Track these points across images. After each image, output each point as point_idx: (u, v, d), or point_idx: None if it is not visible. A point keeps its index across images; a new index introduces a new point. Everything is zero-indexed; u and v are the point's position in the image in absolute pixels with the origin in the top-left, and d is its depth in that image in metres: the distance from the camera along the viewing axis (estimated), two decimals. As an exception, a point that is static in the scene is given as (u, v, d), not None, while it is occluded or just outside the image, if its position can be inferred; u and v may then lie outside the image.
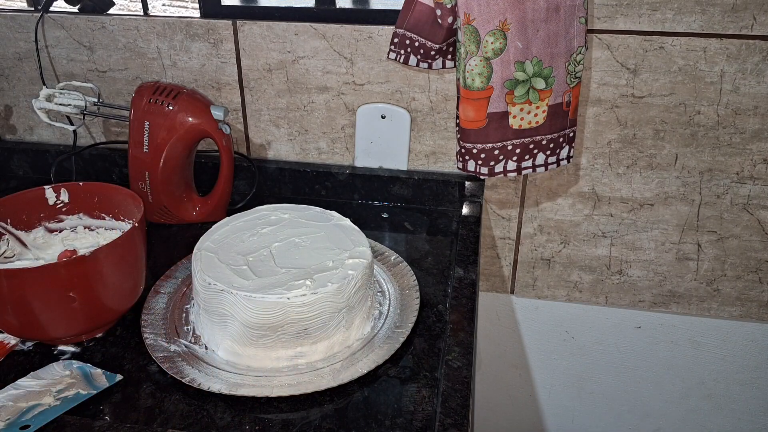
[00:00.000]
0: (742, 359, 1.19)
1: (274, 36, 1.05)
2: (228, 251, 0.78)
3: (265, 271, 0.74)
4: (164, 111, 0.96)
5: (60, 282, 0.70)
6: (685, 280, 1.14)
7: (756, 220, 1.06)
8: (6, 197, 0.82)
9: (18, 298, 0.69)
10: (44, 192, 0.84)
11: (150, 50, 1.10)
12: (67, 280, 0.70)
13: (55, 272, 0.69)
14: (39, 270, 0.68)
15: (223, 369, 0.72)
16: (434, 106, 1.06)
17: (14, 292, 0.69)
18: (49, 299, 0.70)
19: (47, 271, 0.69)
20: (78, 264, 0.70)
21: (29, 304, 0.70)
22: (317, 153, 1.14)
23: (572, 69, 0.87)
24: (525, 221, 1.14)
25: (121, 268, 0.76)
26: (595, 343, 1.23)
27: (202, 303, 0.75)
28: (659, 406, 1.28)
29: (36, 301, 0.70)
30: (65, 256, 0.82)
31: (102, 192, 0.86)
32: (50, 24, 1.11)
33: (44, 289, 0.69)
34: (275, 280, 0.72)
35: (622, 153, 1.05)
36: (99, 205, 0.86)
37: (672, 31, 0.95)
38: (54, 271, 0.69)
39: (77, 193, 0.86)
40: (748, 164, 1.02)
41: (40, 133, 1.22)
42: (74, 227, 0.86)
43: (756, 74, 0.96)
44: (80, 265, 0.70)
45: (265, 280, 0.72)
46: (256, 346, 0.72)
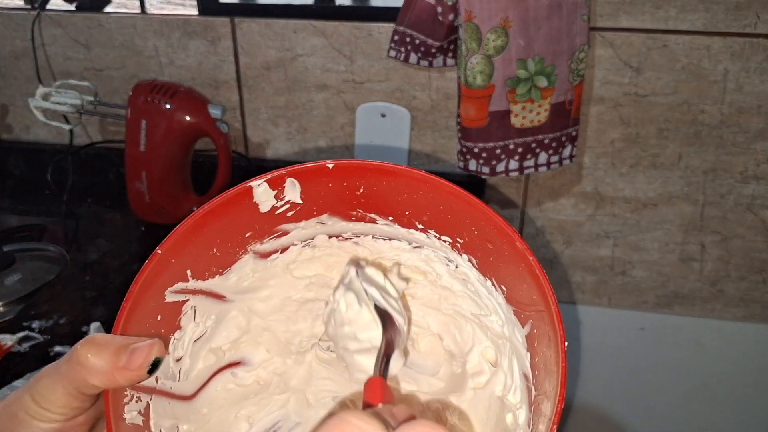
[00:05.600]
0: (746, 361, 1.18)
1: (273, 34, 1.04)
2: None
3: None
4: (161, 109, 0.95)
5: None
6: (689, 281, 1.13)
7: (760, 221, 1.05)
8: (176, 235, 0.36)
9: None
10: (250, 194, 0.38)
11: (147, 48, 1.09)
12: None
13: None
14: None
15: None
16: (435, 104, 1.05)
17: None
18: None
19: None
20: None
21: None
22: (316, 152, 1.13)
23: (575, 67, 0.86)
24: (527, 221, 1.13)
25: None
26: (598, 344, 1.22)
27: (199, 304, 0.73)
28: (662, 407, 1.27)
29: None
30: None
31: (374, 177, 0.38)
32: (47, 22, 1.10)
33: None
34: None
35: (625, 152, 1.04)
36: (366, 200, 0.39)
37: (675, 29, 0.94)
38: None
39: (319, 184, 0.38)
40: (752, 163, 1.01)
41: (36, 132, 1.21)
42: (309, 239, 0.41)
43: (760, 73, 0.95)
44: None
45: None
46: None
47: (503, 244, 0.34)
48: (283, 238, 0.40)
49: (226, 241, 0.38)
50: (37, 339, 0.78)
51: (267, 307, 0.40)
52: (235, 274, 0.39)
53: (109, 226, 1.04)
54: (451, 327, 0.40)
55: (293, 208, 0.38)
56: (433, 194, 0.36)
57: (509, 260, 0.34)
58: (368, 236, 0.40)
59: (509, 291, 0.36)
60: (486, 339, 0.38)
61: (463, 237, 0.37)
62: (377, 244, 0.41)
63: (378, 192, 0.37)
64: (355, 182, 0.37)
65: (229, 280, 0.38)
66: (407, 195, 0.37)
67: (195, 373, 0.37)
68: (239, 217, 0.37)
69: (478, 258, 0.37)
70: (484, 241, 0.36)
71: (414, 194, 0.37)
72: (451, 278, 0.39)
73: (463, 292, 0.39)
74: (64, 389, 0.30)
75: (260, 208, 0.37)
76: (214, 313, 0.38)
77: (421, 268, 0.41)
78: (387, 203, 0.38)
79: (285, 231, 0.39)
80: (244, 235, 0.38)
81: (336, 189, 0.37)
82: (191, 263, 0.36)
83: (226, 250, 0.38)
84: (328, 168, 0.36)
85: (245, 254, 0.39)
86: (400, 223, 0.39)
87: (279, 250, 0.40)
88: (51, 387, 0.31)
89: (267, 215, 0.38)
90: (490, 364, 0.38)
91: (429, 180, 0.35)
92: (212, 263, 0.38)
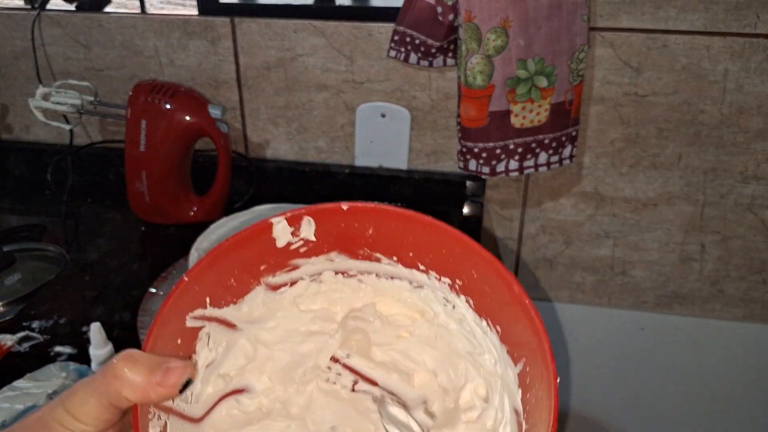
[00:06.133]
0: (747, 360, 1.18)
1: (273, 33, 1.04)
2: (226, 252, 0.76)
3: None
4: (161, 109, 0.95)
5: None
6: (689, 281, 1.13)
7: (760, 221, 1.05)
8: (202, 264, 0.38)
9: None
10: (270, 229, 0.40)
11: (147, 48, 1.09)
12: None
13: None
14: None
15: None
16: (435, 104, 1.05)
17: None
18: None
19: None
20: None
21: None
22: (316, 152, 1.13)
23: (575, 67, 0.86)
24: (527, 221, 1.13)
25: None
26: (598, 344, 1.22)
27: (199, 304, 0.73)
28: (663, 407, 1.27)
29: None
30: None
31: (384, 220, 0.41)
32: (47, 22, 1.10)
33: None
34: (274, 281, 0.70)
35: (625, 152, 1.04)
36: (374, 240, 0.42)
37: (675, 29, 0.94)
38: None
39: (332, 224, 0.42)
40: (752, 164, 1.01)
41: (36, 132, 1.21)
42: (316, 274, 0.43)
43: (760, 73, 0.95)
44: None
45: (263, 281, 0.70)
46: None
47: (501, 287, 0.36)
48: (294, 272, 0.42)
49: (242, 272, 0.40)
50: (37, 339, 0.78)
51: (273, 338, 0.42)
52: (247, 304, 0.41)
53: (109, 226, 1.04)
54: (446, 364, 0.42)
55: (306, 245, 0.40)
56: (438, 238, 0.38)
57: (505, 302, 0.36)
58: (372, 274, 0.43)
59: (503, 331, 0.38)
60: (479, 376, 0.40)
61: (462, 279, 0.39)
62: (380, 283, 0.43)
63: (386, 234, 0.40)
64: (366, 223, 0.40)
65: (242, 310, 0.40)
66: (413, 237, 0.40)
67: (204, 397, 0.39)
68: (257, 250, 0.40)
69: (475, 299, 0.39)
70: (482, 284, 0.38)
71: (420, 237, 0.39)
72: (447, 318, 0.41)
73: (459, 331, 0.41)
74: (98, 401, 0.32)
75: (277, 243, 0.40)
76: (225, 340, 0.40)
77: (420, 307, 0.43)
78: (393, 244, 0.41)
79: (296, 265, 0.41)
80: (260, 268, 0.40)
81: (347, 228, 0.40)
82: (210, 291, 0.38)
83: (242, 281, 0.40)
84: (343, 209, 0.39)
85: (258, 286, 0.41)
86: (403, 263, 0.41)
87: (288, 284, 0.42)
88: (84, 399, 0.32)
89: (282, 250, 0.40)
90: (482, 399, 0.40)
91: (435, 225, 0.38)
92: (228, 292, 0.40)
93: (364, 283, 0.43)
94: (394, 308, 0.43)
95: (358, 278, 0.43)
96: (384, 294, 0.43)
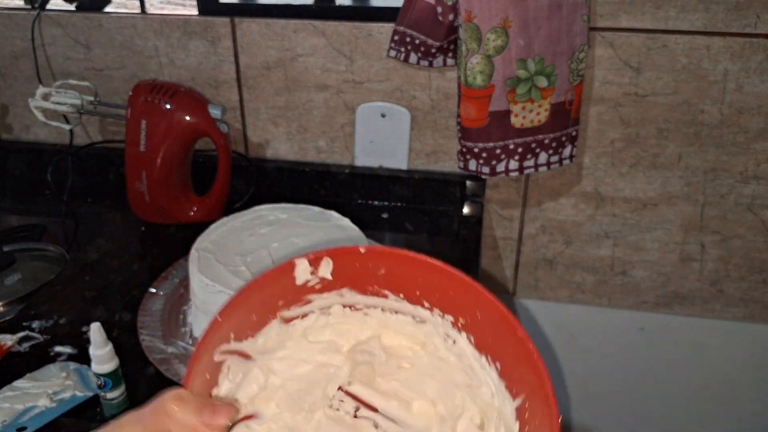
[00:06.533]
0: (746, 360, 1.18)
1: (273, 33, 1.04)
2: (226, 252, 0.77)
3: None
4: (161, 109, 0.95)
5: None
6: (689, 281, 1.13)
7: (760, 221, 1.05)
8: (232, 303, 0.42)
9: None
10: (293, 269, 0.44)
11: (147, 48, 1.09)
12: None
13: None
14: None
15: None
16: (435, 104, 1.05)
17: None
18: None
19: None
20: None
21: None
22: (316, 152, 1.13)
23: (575, 67, 0.86)
24: (527, 221, 1.13)
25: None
26: (598, 344, 1.22)
27: (199, 304, 0.74)
28: (662, 407, 1.27)
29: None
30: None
31: (397, 263, 0.44)
32: (47, 22, 1.10)
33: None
34: (274, 281, 0.70)
35: (625, 152, 1.04)
36: (385, 279, 0.45)
37: (675, 29, 0.94)
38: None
39: (348, 264, 0.45)
40: (752, 164, 1.01)
41: (36, 132, 1.21)
42: (326, 308, 0.46)
43: (760, 73, 0.95)
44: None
45: (263, 281, 0.70)
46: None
47: (504, 330, 0.39)
48: (306, 306, 0.45)
49: (263, 308, 0.43)
50: (37, 339, 0.79)
51: (283, 367, 0.44)
52: (263, 336, 0.44)
53: (109, 226, 1.04)
54: (444, 394, 0.44)
55: (322, 282, 0.44)
56: (447, 282, 0.42)
57: (508, 344, 0.39)
58: (378, 308, 0.45)
59: (503, 368, 0.41)
60: (475, 406, 0.42)
61: (465, 318, 0.42)
62: (384, 316, 0.46)
63: (398, 274, 0.44)
64: (380, 264, 0.43)
65: (258, 342, 0.44)
66: (423, 279, 0.43)
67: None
68: (279, 287, 0.43)
69: (477, 337, 0.42)
70: (485, 325, 0.41)
71: (429, 279, 0.42)
72: (447, 351, 0.44)
73: (457, 364, 0.44)
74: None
75: (296, 281, 0.43)
76: (242, 371, 0.42)
77: (421, 340, 0.45)
78: (403, 283, 0.44)
79: (309, 300, 0.45)
80: (278, 303, 0.44)
81: (362, 268, 0.44)
82: (235, 327, 0.42)
83: (262, 316, 0.43)
84: (361, 252, 0.43)
85: (274, 320, 0.44)
86: (409, 300, 0.44)
87: (300, 316, 0.45)
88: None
89: (300, 287, 0.43)
90: (478, 429, 0.42)
91: (446, 271, 0.41)
92: (249, 327, 0.43)
93: (369, 316, 0.46)
94: (397, 340, 0.46)
95: (364, 311, 0.46)
96: (387, 326, 0.46)
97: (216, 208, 1.04)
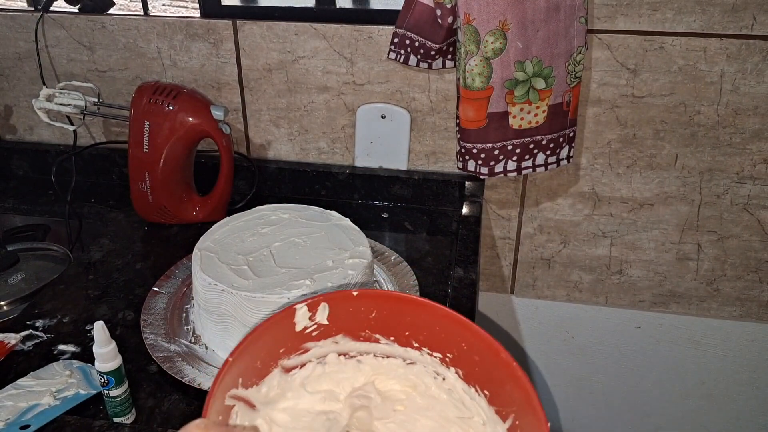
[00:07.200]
0: (742, 359, 1.19)
1: (274, 36, 1.05)
2: (228, 251, 0.78)
3: (265, 271, 0.74)
4: (164, 111, 0.96)
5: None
6: (685, 280, 1.14)
7: (756, 220, 1.06)
8: (242, 344, 0.43)
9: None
10: (294, 314, 0.46)
11: (150, 50, 1.10)
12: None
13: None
14: None
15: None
16: (434, 106, 1.06)
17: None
18: None
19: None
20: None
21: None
22: (317, 153, 1.14)
23: (572, 69, 0.87)
24: (525, 221, 1.14)
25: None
26: (595, 343, 1.23)
27: (202, 303, 0.75)
28: (659, 405, 1.28)
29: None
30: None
31: (386, 303, 0.48)
32: (50, 24, 1.11)
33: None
34: (275, 280, 0.72)
35: (622, 153, 1.05)
36: (375, 322, 0.48)
37: (672, 31, 0.95)
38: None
39: (342, 308, 0.47)
40: (748, 164, 1.02)
41: (40, 133, 1.22)
42: (322, 357, 0.48)
43: (756, 74, 0.96)
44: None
45: (265, 280, 0.72)
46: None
47: (490, 356, 0.43)
48: (304, 355, 0.47)
49: (267, 354, 0.45)
50: (41, 338, 0.79)
51: (285, 417, 0.46)
52: (266, 385, 0.45)
53: (112, 226, 1.05)
54: (439, 430, 0.46)
55: (319, 329, 0.46)
56: (432, 317, 0.45)
57: (494, 368, 0.42)
58: (370, 354, 0.48)
59: (492, 395, 0.44)
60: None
61: (453, 352, 0.45)
62: (377, 362, 0.48)
63: (387, 316, 0.47)
64: (371, 307, 0.46)
65: (261, 391, 0.45)
66: (410, 318, 0.46)
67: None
68: (281, 333, 0.45)
69: (465, 369, 0.46)
70: (471, 354, 0.44)
71: (416, 317, 0.46)
72: (438, 389, 0.47)
73: (449, 400, 0.47)
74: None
75: (296, 328, 0.45)
76: (248, 419, 0.44)
77: (413, 381, 0.48)
78: (392, 325, 0.47)
79: (307, 348, 0.47)
80: (279, 351, 0.46)
81: (355, 312, 0.46)
82: (243, 372, 0.43)
83: (265, 363, 0.45)
84: (353, 295, 0.46)
85: (275, 368, 0.46)
86: (399, 343, 0.47)
87: (299, 366, 0.47)
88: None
89: (298, 334, 0.46)
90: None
91: (430, 306, 0.45)
92: (254, 374, 0.44)
93: (362, 363, 0.49)
94: (390, 384, 0.48)
95: (357, 359, 0.48)
96: (380, 372, 0.48)
97: (218, 209, 1.04)
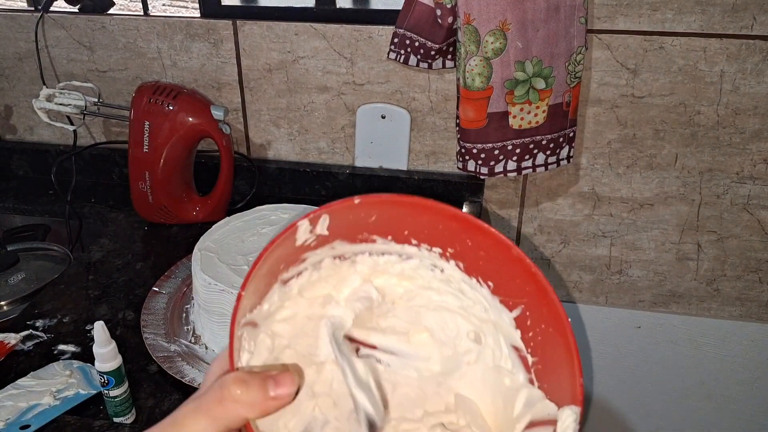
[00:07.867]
0: (742, 359, 1.19)
1: (274, 36, 1.05)
2: (228, 251, 0.78)
3: (265, 270, 0.74)
4: (164, 111, 0.96)
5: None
6: (685, 280, 1.14)
7: (756, 220, 1.06)
8: (249, 273, 0.41)
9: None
10: (296, 232, 0.42)
11: (150, 50, 1.10)
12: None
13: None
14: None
15: (224, 369, 0.69)
16: (434, 106, 1.06)
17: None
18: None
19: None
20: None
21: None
22: (317, 153, 1.14)
23: (572, 69, 0.87)
24: (525, 221, 1.14)
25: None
26: (595, 343, 1.23)
27: (202, 303, 0.75)
28: (659, 405, 1.28)
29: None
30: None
31: (388, 208, 0.45)
32: (50, 24, 1.11)
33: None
34: (275, 279, 0.72)
35: (622, 153, 1.05)
36: (374, 225, 0.45)
37: (672, 31, 0.95)
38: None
39: (343, 217, 0.44)
40: (748, 164, 1.02)
41: (40, 133, 1.22)
42: (318, 263, 0.46)
43: (756, 74, 0.96)
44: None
45: (265, 279, 0.72)
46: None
47: (498, 251, 0.40)
48: (301, 264, 0.45)
49: (269, 275, 0.43)
50: (41, 337, 0.79)
51: (286, 327, 0.45)
52: (267, 302, 0.43)
53: (112, 226, 1.05)
54: (439, 320, 0.45)
55: (318, 239, 0.44)
56: (436, 217, 0.42)
57: (502, 263, 0.40)
58: (365, 254, 0.46)
59: (496, 285, 0.42)
60: (469, 324, 0.44)
61: (454, 247, 0.43)
62: (371, 260, 0.46)
63: (387, 219, 0.43)
64: (372, 212, 0.43)
65: (263, 309, 0.43)
66: (412, 219, 0.43)
67: None
68: (283, 251, 0.42)
69: (466, 263, 0.43)
70: (477, 250, 0.42)
71: (418, 218, 0.43)
72: (436, 281, 0.45)
73: (447, 290, 0.45)
74: (216, 429, 0.33)
75: (296, 242, 0.43)
76: (254, 340, 0.43)
77: (409, 275, 0.46)
78: (392, 226, 0.44)
79: (304, 258, 0.44)
80: (280, 267, 0.43)
81: (355, 219, 0.43)
82: (251, 300, 0.41)
83: (267, 283, 0.43)
84: (355, 203, 0.42)
85: (275, 283, 0.44)
86: (396, 241, 0.45)
87: (296, 275, 0.45)
88: (201, 429, 0.33)
89: (298, 247, 0.43)
90: (475, 344, 0.44)
91: (435, 207, 0.40)
92: (259, 296, 0.43)
93: (357, 263, 0.46)
94: (386, 279, 0.46)
95: (351, 260, 0.46)
96: (376, 269, 0.46)
97: (218, 209, 1.05)
